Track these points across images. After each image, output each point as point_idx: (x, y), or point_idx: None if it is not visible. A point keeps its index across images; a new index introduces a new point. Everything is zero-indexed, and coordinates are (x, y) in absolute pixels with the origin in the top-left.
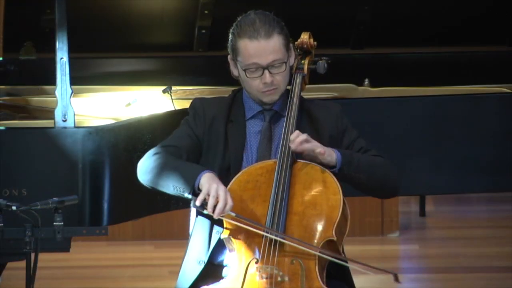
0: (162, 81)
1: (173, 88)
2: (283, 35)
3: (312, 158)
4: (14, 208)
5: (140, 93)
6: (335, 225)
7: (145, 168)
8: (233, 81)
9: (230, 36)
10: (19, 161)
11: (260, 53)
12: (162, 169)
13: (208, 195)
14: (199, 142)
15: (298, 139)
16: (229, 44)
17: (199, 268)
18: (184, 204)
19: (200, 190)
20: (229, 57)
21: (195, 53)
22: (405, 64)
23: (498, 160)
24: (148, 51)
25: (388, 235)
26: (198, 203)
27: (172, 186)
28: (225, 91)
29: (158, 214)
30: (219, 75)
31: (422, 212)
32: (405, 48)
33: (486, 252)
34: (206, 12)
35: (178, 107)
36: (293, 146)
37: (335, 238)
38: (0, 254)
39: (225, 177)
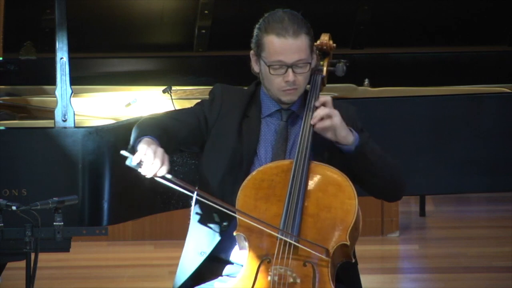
0: (162, 81)
1: (173, 88)
2: (309, 36)
3: (327, 129)
4: (14, 208)
5: (140, 93)
6: (349, 230)
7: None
8: (234, 81)
9: (256, 31)
10: (19, 161)
11: (286, 51)
12: (135, 130)
13: (145, 155)
14: (206, 127)
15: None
16: (254, 39)
17: (200, 259)
18: (184, 204)
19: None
20: (251, 52)
21: (195, 53)
22: (405, 64)
23: (498, 160)
24: (148, 51)
25: (388, 235)
26: (134, 161)
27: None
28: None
29: (158, 214)
30: (219, 75)
31: (422, 212)
32: (405, 48)
33: (486, 252)
34: (206, 12)
35: (178, 107)
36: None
37: (348, 243)
38: (0, 254)
39: (236, 172)
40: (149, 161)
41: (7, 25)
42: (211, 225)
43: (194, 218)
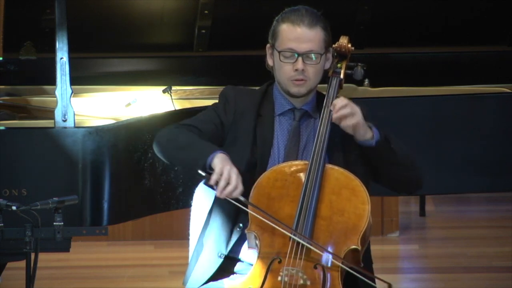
0: (162, 81)
1: (173, 88)
2: (325, 32)
3: (347, 126)
4: (14, 208)
5: (140, 93)
6: (361, 235)
7: (163, 139)
8: (234, 81)
9: (274, 23)
10: (19, 161)
11: (299, 39)
12: (178, 142)
13: (221, 175)
14: (223, 131)
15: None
16: (270, 31)
17: (219, 261)
18: (184, 204)
19: (211, 169)
20: (267, 45)
21: (195, 53)
22: (405, 64)
23: (498, 160)
24: (148, 51)
25: (388, 235)
26: (212, 182)
27: (184, 160)
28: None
29: (158, 214)
30: (219, 75)
31: (422, 212)
32: (405, 48)
33: (486, 252)
34: (206, 12)
35: (178, 107)
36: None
37: (359, 248)
38: (0, 254)
39: (251, 173)
40: (224, 182)
41: (7, 25)
42: (229, 227)
43: (214, 220)
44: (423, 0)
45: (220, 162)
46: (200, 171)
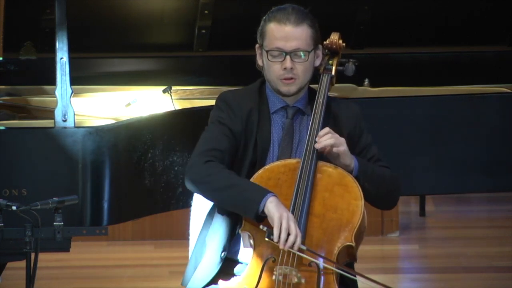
0: (162, 81)
1: (173, 88)
2: (313, 29)
3: (332, 155)
4: (14, 208)
5: (140, 93)
6: (355, 231)
7: (198, 178)
8: (234, 81)
9: (261, 22)
10: (19, 161)
11: (286, 38)
12: (218, 183)
13: (280, 226)
14: (236, 141)
15: (324, 138)
16: (258, 31)
17: (221, 262)
18: (184, 204)
19: (263, 214)
20: (256, 46)
21: (195, 53)
22: (405, 64)
23: (498, 160)
24: (148, 51)
25: (388, 235)
26: (275, 239)
27: (232, 205)
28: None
29: (158, 214)
30: (219, 75)
31: (422, 212)
32: (405, 48)
33: (486, 252)
34: (206, 12)
35: (178, 107)
36: (319, 145)
37: (353, 244)
38: (0, 254)
39: (251, 172)
40: (284, 235)
41: (7, 25)
42: (230, 229)
43: (216, 222)
44: (423, 0)
45: (276, 211)
46: (261, 227)
